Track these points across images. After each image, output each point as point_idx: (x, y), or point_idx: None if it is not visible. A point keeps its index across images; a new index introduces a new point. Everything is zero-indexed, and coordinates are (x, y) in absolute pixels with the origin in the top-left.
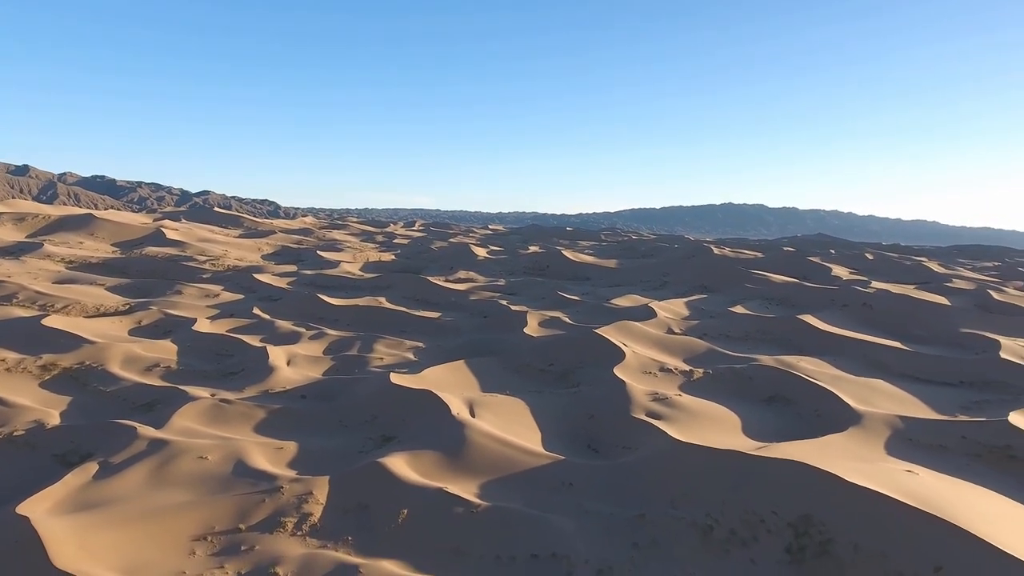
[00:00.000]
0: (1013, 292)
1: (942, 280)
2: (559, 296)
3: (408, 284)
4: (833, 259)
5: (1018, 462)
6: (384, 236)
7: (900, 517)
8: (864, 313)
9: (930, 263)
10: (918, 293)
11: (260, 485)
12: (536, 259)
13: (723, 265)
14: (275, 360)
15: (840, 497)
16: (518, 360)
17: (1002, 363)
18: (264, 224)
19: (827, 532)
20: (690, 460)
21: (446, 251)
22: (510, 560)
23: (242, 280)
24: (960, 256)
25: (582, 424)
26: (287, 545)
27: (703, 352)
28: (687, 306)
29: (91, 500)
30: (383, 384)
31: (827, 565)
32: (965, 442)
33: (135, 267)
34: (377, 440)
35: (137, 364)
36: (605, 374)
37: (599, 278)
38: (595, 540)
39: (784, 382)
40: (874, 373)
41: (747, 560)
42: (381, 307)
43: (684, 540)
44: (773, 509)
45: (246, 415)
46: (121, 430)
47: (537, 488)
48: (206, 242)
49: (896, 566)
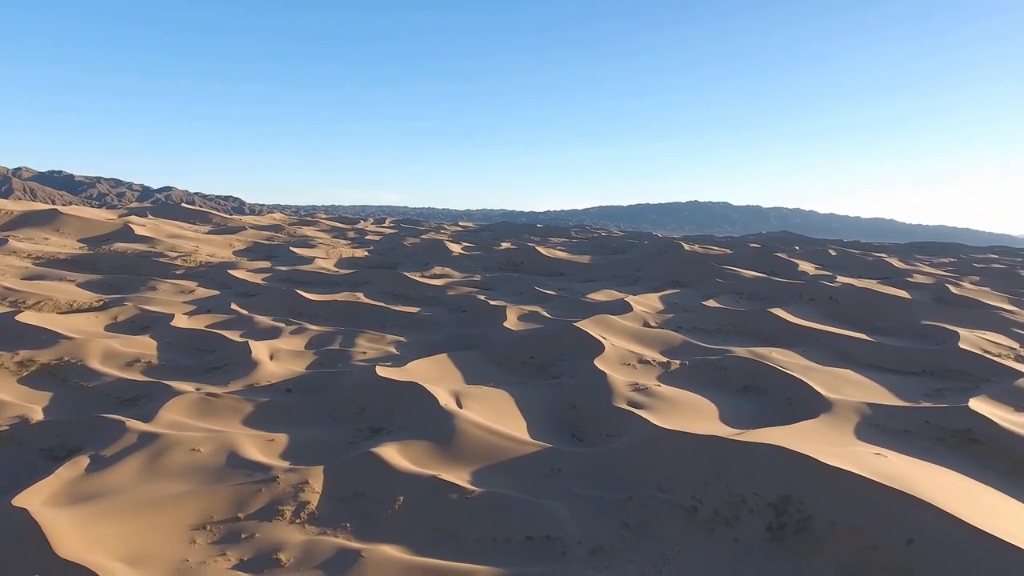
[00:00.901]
0: (969, 286)
1: (902, 275)
2: (536, 291)
3: (385, 280)
4: (798, 255)
5: (978, 444)
6: (355, 233)
7: (873, 495)
8: (830, 306)
9: (890, 259)
10: (881, 287)
11: (255, 475)
12: (510, 255)
13: (694, 261)
14: (258, 355)
15: (816, 478)
16: (500, 353)
17: (961, 353)
18: (233, 220)
19: (805, 510)
20: (673, 446)
21: (419, 247)
22: (506, 542)
23: (216, 276)
24: (917, 253)
25: (565, 414)
26: (287, 532)
27: (679, 344)
28: (661, 300)
29: (86, 492)
30: (369, 377)
31: (806, 541)
32: (928, 427)
33: (105, 263)
34: (366, 431)
35: (117, 360)
36: (586, 366)
37: (573, 274)
38: (586, 522)
39: (757, 372)
40: (842, 363)
41: (731, 539)
42: (360, 302)
43: (671, 520)
44: (754, 490)
45: (234, 408)
46: (109, 424)
47: (527, 474)
48: (176, 238)
49: (871, 540)
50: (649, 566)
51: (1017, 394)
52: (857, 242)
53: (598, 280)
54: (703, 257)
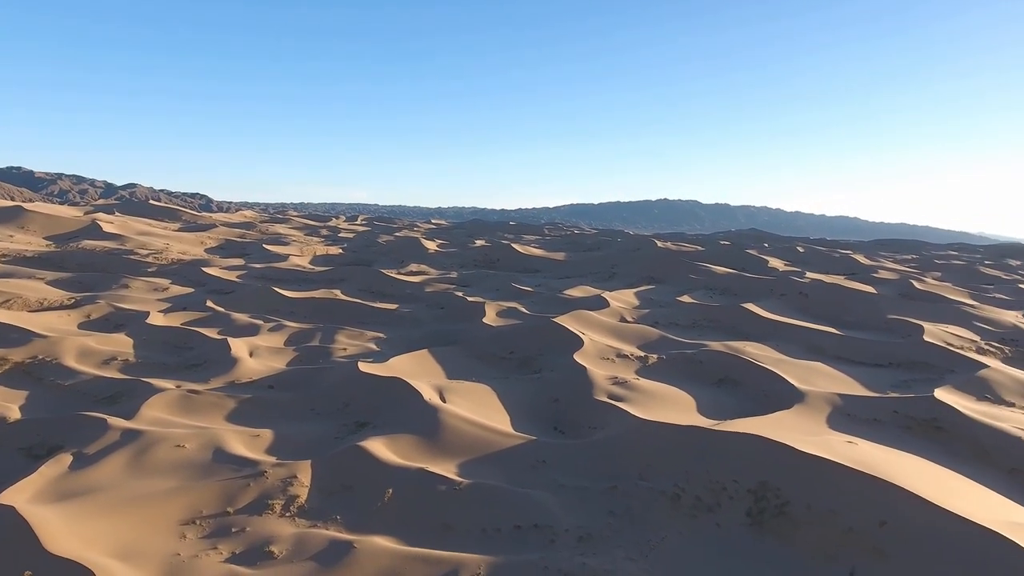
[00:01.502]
0: (932, 282)
1: (868, 271)
2: (513, 287)
3: (362, 277)
4: (768, 252)
5: (943, 432)
6: (328, 230)
7: (846, 480)
8: (800, 301)
9: (856, 255)
10: (848, 283)
11: (243, 470)
12: (486, 252)
13: (667, 258)
14: (237, 352)
15: (792, 465)
16: (480, 348)
17: (926, 345)
18: (203, 217)
19: (783, 496)
20: (654, 436)
21: (394, 245)
22: (495, 532)
23: (190, 273)
24: (881, 250)
25: (547, 407)
26: (277, 525)
27: (655, 339)
28: (636, 296)
29: (72, 489)
30: (352, 373)
31: (784, 525)
32: (897, 416)
33: (73, 261)
34: (351, 426)
35: (93, 358)
36: (565, 360)
37: (549, 270)
38: (573, 510)
39: (732, 365)
40: (813, 356)
41: (713, 524)
42: (338, 299)
43: (655, 507)
44: (733, 478)
45: (216, 405)
46: (90, 422)
47: (513, 466)
48: (146, 235)
49: (846, 522)
50: (636, 551)
51: (979, 384)
52: (823, 239)
53: (574, 277)
54: (676, 254)
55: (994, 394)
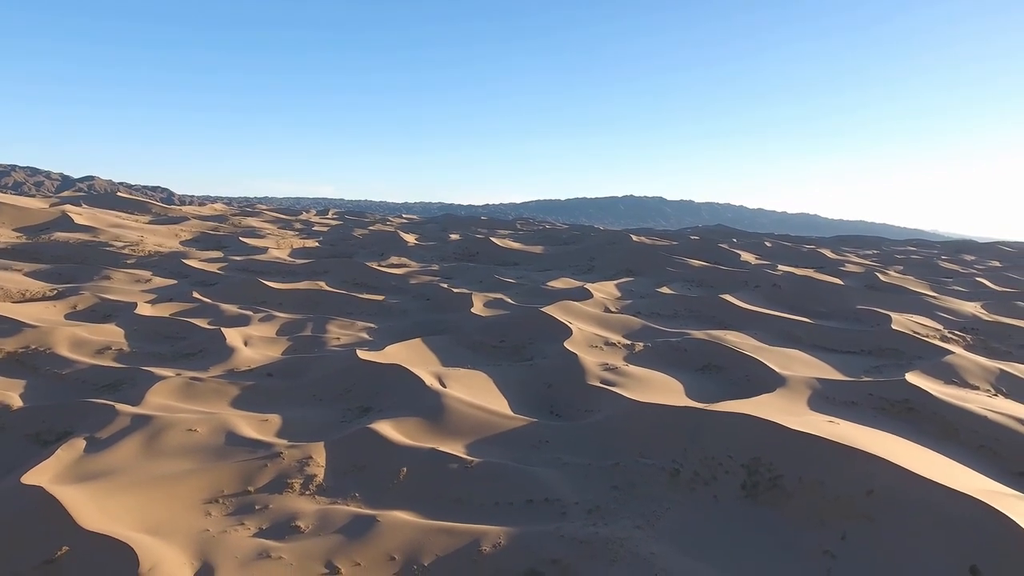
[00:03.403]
0: (895, 275)
1: (836, 265)
2: (496, 279)
3: (345, 269)
4: (738, 247)
5: (915, 412)
6: (302, 224)
7: (833, 454)
8: (774, 293)
9: (823, 250)
10: (818, 275)
11: (258, 452)
12: (466, 245)
13: (644, 251)
14: (232, 341)
15: (782, 441)
16: (471, 338)
17: (894, 334)
18: (174, 210)
19: (775, 470)
20: (650, 417)
21: (372, 238)
22: (508, 506)
23: (171, 265)
24: (843, 245)
25: (542, 393)
26: (299, 503)
27: (639, 328)
28: (617, 288)
29: (91, 471)
30: (351, 360)
31: (777, 496)
32: (872, 398)
33: (48, 252)
34: (355, 411)
35: (86, 347)
36: (556, 348)
37: (528, 263)
38: (580, 486)
39: (715, 353)
40: (789, 344)
41: (710, 496)
42: (324, 290)
43: (656, 482)
44: (728, 454)
45: (219, 392)
46: (98, 408)
47: (518, 446)
48: (118, 228)
49: (834, 492)
50: (642, 521)
51: (945, 369)
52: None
53: (554, 269)
54: (652, 248)
55: (960, 378)
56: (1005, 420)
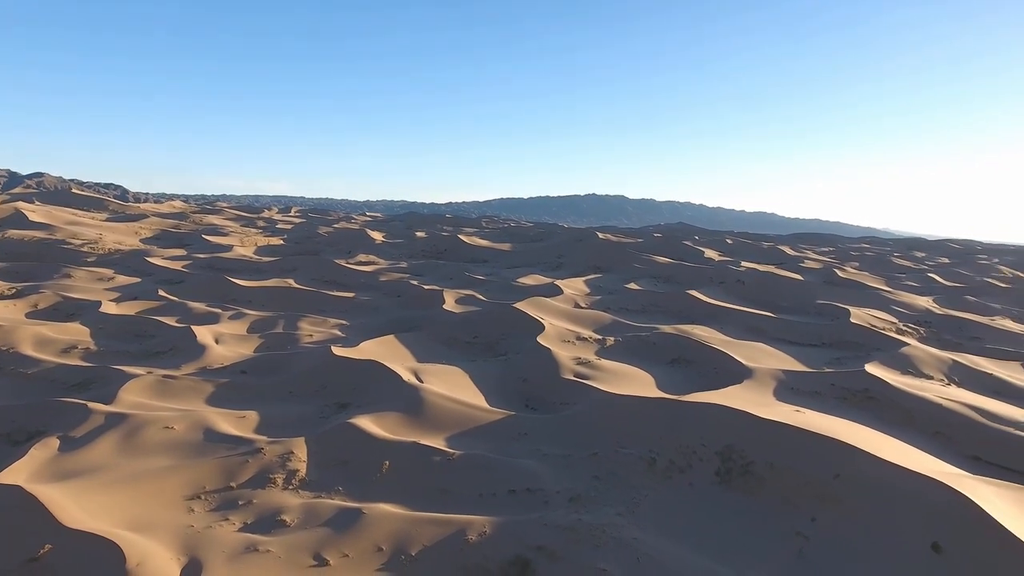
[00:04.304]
0: (852, 271)
1: (795, 261)
2: (466, 276)
3: (313, 266)
4: (701, 244)
5: (875, 401)
6: (265, 222)
7: (802, 440)
8: (738, 288)
9: (782, 247)
10: (779, 271)
11: (239, 448)
12: (433, 243)
13: (611, 248)
14: (203, 339)
15: (753, 429)
16: (444, 334)
17: (853, 327)
18: (132, 208)
19: (747, 456)
20: (626, 408)
21: (337, 236)
22: (492, 496)
23: (133, 263)
24: (801, 243)
25: (517, 387)
26: (283, 497)
27: (610, 323)
28: (586, 284)
29: (67, 470)
30: (325, 357)
31: (750, 481)
32: (834, 388)
33: (2, 250)
34: (333, 407)
35: (52, 346)
36: (529, 343)
37: (497, 260)
38: (561, 475)
39: (684, 346)
40: (754, 337)
41: (687, 483)
42: (293, 288)
43: (634, 470)
44: (702, 442)
45: (194, 389)
46: (69, 407)
47: (498, 438)
48: (75, 225)
49: (804, 476)
50: (623, 508)
51: (902, 359)
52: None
53: (522, 266)
54: (619, 245)
55: (916, 368)
56: (958, 407)
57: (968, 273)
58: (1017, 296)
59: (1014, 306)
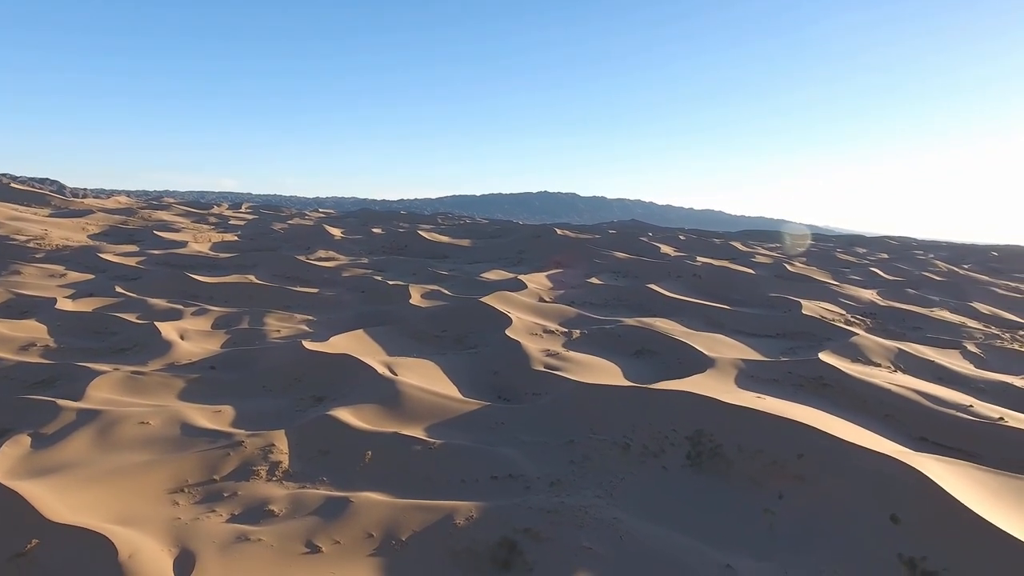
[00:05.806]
0: (800, 265)
1: (747, 256)
2: (429, 271)
3: (273, 262)
4: (656, 239)
5: (829, 388)
6: (216, 218)
7: (767, 423)
8: (695, 282)
9: (734, 243)
10: (733, 266)
11: (218, 442)
12: (392, 239)
13: (570, 244)
14: (168, 335)
15: (720, 414)
16: (413, 328)
17: (804, 318)
18: (76, 203)
19: (716, 440)
20: (598, 396)
21: (293, 232)
22: (474, 482)
23: (85, 259)
24: (750, 239)
25: (489, 379)
26: (268, 488)
27: (574, 316)
28: (549, 279)
29: (44, 466)
30: (297, 351)
31: (719, 463)
32: (791, 376)
33: None
34: (309, 400)
35: (9, 345)
36: (497, 336)
37: (458, 256)
38: (539, 461)
39: (647, 338)
40: (713, 329)
41: (660, 467)
42: (256, 284)
43: (610, 455)
44: (672, 428)
45: (165, 385)
46: (37, 404)
47: (476, 428)
48: (19, 221)
49: (770, 457)
50: (601, 491)
51: (852, 348)
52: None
53: (484, 262)
54: (577, 241)
55: (864, 357)
56: (905, 392)
57: (907, 268)
58: (953, 289)
59: (951, 298)
